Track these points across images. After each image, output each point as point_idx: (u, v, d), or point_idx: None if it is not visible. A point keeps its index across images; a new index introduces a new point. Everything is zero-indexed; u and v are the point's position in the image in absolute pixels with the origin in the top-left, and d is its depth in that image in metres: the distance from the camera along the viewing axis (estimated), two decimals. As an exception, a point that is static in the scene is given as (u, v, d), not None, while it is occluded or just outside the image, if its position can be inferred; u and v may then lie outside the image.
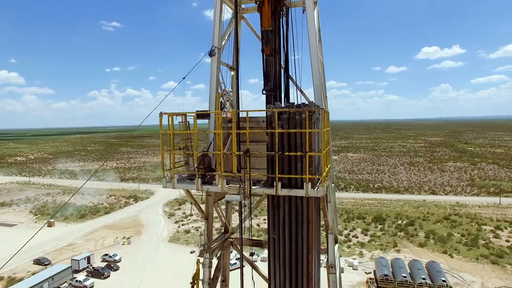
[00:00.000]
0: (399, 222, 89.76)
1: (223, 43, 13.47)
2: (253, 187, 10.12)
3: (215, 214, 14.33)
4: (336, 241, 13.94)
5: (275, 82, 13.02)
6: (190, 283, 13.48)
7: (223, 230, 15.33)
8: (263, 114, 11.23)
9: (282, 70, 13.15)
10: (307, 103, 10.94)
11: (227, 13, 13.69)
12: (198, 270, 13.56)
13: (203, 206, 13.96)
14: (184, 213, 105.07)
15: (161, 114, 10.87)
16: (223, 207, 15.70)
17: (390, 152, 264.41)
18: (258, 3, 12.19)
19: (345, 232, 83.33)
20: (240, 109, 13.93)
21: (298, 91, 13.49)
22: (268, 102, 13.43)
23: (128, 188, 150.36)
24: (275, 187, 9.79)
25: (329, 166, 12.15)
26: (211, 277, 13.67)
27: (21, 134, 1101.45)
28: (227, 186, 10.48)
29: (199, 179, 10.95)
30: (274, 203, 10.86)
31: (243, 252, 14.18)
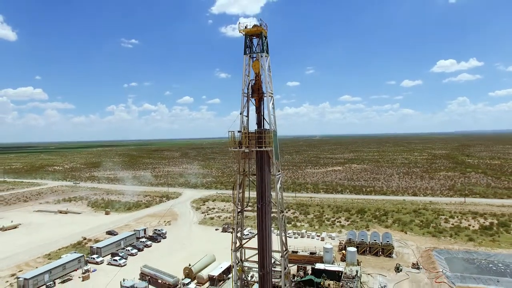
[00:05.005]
0: (377, 213, 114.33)
1: (243, 109, 40.80)
2: (253, 148, 37.63)
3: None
4: (278, 170, 40.16)
5: (260, 122, 40.53)
6: (232, 187, 39.63)
7: (243, 170, 42.37)
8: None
9: (262, 117, 40.46)
10: (267, 128, 38.48)
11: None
12: (236, 180, 40.34)
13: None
14: (208, 207, 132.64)
15: (229, 131, 38.29)
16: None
17: (392, 164, 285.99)
18: (254, 98, 39.76)
19: (332, 219, 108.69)
20: (248, 129, 41.25)
21: (268, 124, 40.86)
22: (258, 127, 40.85)
23: (159, 190, 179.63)
24: (257, 147, 37.37)
25: (272, 144, 39.13)
26: (240, 183, 40.84)
27: (46, 147, 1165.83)
28: (245, 147, 38.06)
29: (238, 146, 38.62)
30: (256, 152, 38.66)
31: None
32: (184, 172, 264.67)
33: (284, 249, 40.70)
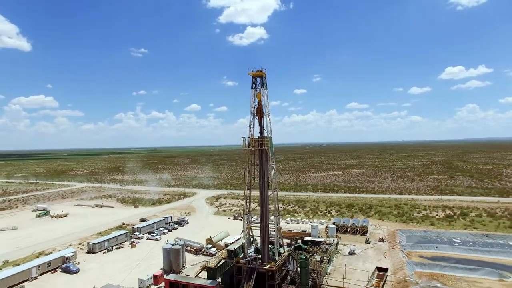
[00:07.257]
0: (363, 207, 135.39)
1: (251, 123, 63.15)
2: (257, 148, 60.20)
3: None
4: (273, 161, 61.94)
5: (261, 131, 63.03)
6: (244, 173, 60.22)
7: (251, 162, 64.76)
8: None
9: (263, 128, 62.94)
10: (266, 135, 61.23)
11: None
12: (246, 168, 62.28)
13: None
14: (220, 203, 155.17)
15: (241, 137, 60.65)
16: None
17: (389, 169, 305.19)
18: (257, 116, 62.36)
19: (325, 211, 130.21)
20: (254, 135, 63.76)
21: (266, 133, 63.10)
22: (260, 134, 63.39)
23: (176, 190, 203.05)
24: (259, 146, 60.03)
25: (269, 145, 61.26)
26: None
27: (59, 154, 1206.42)
28: (252, 147, 60.59)
29: (247, 146, 61.28)
30: (259, 150, 61.10)
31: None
32: (196, 176, 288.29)
33: (277, 213, 62.98)
